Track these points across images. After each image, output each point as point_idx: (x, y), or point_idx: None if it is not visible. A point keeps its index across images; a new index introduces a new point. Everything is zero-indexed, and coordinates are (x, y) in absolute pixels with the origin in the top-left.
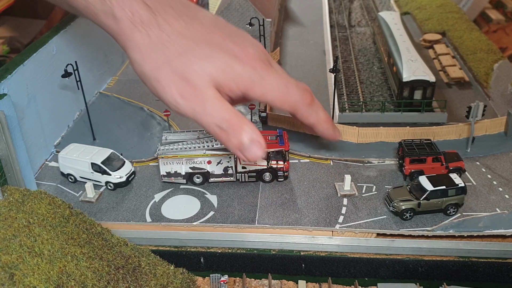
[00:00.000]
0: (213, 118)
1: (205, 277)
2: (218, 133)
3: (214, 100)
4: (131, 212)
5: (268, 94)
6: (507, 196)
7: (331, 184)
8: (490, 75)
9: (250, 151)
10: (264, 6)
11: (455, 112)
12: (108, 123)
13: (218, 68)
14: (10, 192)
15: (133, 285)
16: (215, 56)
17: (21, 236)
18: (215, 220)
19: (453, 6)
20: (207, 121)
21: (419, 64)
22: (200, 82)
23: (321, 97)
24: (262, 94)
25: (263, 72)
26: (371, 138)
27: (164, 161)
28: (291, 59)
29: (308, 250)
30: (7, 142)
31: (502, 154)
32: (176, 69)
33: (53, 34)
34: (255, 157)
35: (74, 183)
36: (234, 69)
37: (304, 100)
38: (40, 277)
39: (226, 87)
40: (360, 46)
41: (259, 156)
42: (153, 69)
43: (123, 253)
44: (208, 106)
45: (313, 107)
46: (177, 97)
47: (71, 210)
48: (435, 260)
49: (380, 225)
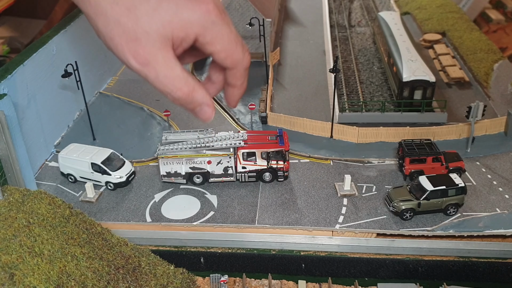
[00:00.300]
0: (164, 87)
1: (205, 277)
2: (171, 100)
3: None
4: (131, 212)
5: (217, 42)
6: (507, 196)
7: (331, 184)
8: (490, 75)
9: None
10: (264, 6)
11: (455, 112)
12: (108, 123)
13: (165, 21)
14: (10, 192)
15: (133, 285)
16: (161, 8)
17: (21, 236)
18: (215, 220)
19: (453, 6)
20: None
21: (419, 64)
22: (150, 42)
23: (321, 97)
24: (211, 42)
25: (216, 19)
26: (371, 138)
27: (164, 161)
28: (291, 59)
29: (308, 250)
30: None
31: (502, 154)
32: (125, 28)
33: (53, 34)
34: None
35: (74, 183)
36: (183, 17)
37: (245, 61)
38: (40, 277)
39: (176, 39)
40: (360, 46)
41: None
42: (105, 25)
43: (123, 253)
44: (161, 73)
45: (246, 72)
46: (131, 59)
47: (71, 210)
48: (435, 260)
49: (380, 225)
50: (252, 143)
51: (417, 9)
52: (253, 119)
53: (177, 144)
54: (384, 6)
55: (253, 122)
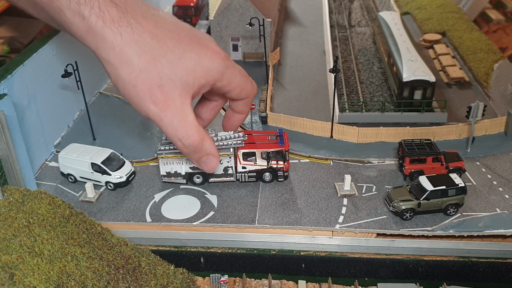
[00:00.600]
0: (177, 132)
1: (205, 277)
2: (179, 146)
3: (181, 111)
4: (131, 212)
5: (233, 82)
6: (507, 196)
7: (331, 184)
8: (490, 75)
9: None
10: (264, 6)
11: (455, 112)
12: (108, 123)
13: (189, 69)
14: (10, 192)
15: (133, 285)
16: (185, 57)
17: (21, 236)
18: (215, 220)
19: (453, 6)
20: (171, 133)
21: (419, 64)
22: (172, 89)
23: (321, 97)
24: (228, 83)
25: (229, 63)
26: (371, 138)
27: (164, 161)
28: (291, 59)
29: (308, 250)
30: (7, 142)
31: (502, 154)
32: (151, 75)
33: (53, 34)
34: (211, 170)
35: (74, 183)
36: (204, 65)
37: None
38: (40, 277)
39: (198, 86)
40: (360, 46)
41: (215, 167)
42: (129, 72)
43: (123, 253)
44: (176, 119)
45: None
46: (150, 104)
47: (71, 210)
48: (435, 260)
49: (380, 225)
50: (252, 143)
51: (417, 9)
52: (253, 119)
53: None
54: (384, 6)
55: (253, 122)
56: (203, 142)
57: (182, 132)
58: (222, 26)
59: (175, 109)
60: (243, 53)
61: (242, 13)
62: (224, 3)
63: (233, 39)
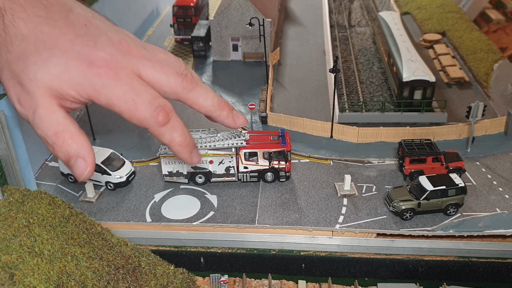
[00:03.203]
0: (40, 131)
1: (205, 277)
2: (46, 145)
3: (44, 111)
4: (131, 212)
5: (114, 105)
6: (507, 196)
7: (331, 184)
8: (490, 75)
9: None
10: (264, 6)
11: (455, 112)
12: (108, 123)
13: (52, 75)
14: (10, 192)
15: (133, 285)
16: (52, 62)
17: (21, 236)
18: (215, 220)
19: (453, 6)
20: (37, 132)
21: (419, 64)
22: (34, 89)
23: (321, 97)
24: (108, 104)
25: (107, 81)
26: (371, 138)
27: (166, 161)
28: (291, 59)
29: (308, 250)
30: (7, 142)
31: (502, 154)
32: (13, 73)
33: None
34: (80, 175)
35: (74, 183)
36: (72, 76)
37: (155, 119)
38: (40, 277)
39: (66, 95)
40: (360, 46)
41: (84, 173)
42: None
43: (123, 253)
44: (37, 117)
45: (167, 127)
46: (15, 102)
47: (71, 210)
48: (435, 260)
49: (380, 225)
50: (254, 143)
51: (417, 9)
52: (253, 119)
53: None
54: (384, 6)
55: (253, 122)
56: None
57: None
58: (222, 26)
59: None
60: (243, 53)
61: (242, 13)
62: (224, 3)
63: (233, 39)
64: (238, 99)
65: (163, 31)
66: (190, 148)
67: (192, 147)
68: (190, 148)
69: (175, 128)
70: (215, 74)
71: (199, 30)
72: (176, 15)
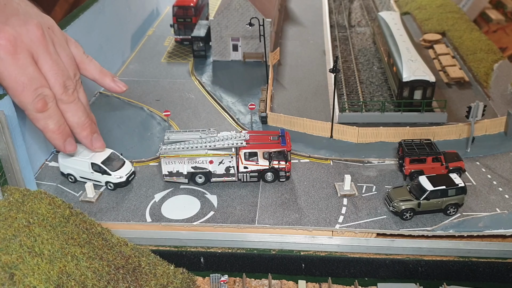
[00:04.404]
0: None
1: (205, 277)
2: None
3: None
4: (131, 212)
5: (3, 80)
6: (507, 196)
7: (331, 184)
8: (490, 75)
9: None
10: (264, 6)
11: (455, 112)
12: (108, 123)
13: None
14: (10, 192)
15: (133, 285)
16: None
17: (21, 236)
18: (215, 220)
19: (453, 6)
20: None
21: (419, 64)
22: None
23: (321, 97)
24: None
25: (5, 56)
26: (371, 138)
27: (166, 161)
28: (291, 59)
29: (308, 250)
30: (7, 142)
31: (502, 154)
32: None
33: None
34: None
35: (74, 183)
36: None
37: (34, 105)
38: (40, 277)
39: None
40: (360, 46)
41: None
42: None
43: (123, 253)
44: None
45: (44, 115)
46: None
47: (71, 210)
48: (435, 260)
49: (380, 225)
50: (254, 143)
51: (417, 9)
52: (253, 119)
53: (179, 143)
54: (384, 6)
55: (253, 122)
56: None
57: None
58: (222, 26)
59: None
60: (243, 53)
61: (242, 13)
62: (224, 3)
63: (233, 39)
64: (238, 99)
65: (163, 31)
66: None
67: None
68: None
69: (50, 117)
70: (215, 74)
71: (199, 30)
72: (176, 15)
